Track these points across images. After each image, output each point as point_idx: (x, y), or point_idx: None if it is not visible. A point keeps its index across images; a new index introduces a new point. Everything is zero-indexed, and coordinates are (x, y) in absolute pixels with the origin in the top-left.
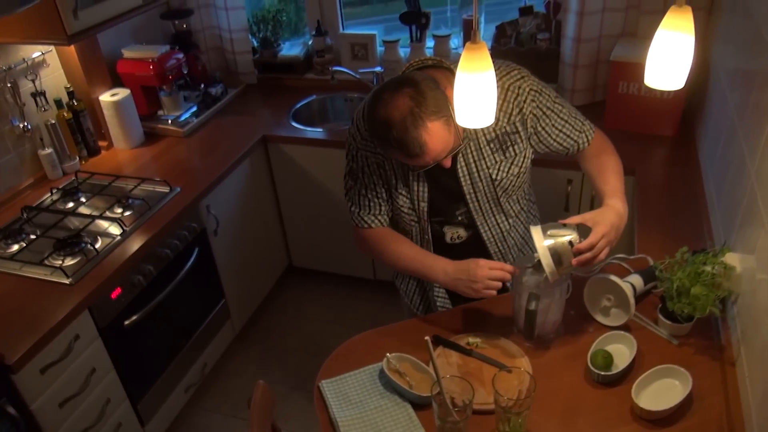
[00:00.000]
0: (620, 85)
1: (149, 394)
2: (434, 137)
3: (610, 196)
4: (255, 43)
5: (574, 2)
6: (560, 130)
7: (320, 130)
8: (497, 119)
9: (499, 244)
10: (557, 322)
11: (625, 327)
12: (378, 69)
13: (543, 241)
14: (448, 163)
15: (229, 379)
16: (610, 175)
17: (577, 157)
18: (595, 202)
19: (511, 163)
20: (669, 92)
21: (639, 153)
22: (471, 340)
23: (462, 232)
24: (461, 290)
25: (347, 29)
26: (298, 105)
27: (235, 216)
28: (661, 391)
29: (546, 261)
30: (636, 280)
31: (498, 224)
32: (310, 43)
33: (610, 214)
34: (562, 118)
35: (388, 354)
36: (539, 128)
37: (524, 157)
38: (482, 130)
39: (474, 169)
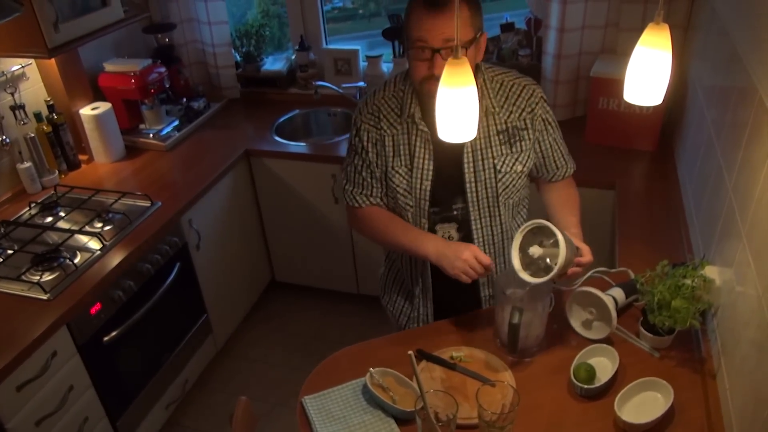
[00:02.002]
0: (600, 100)
1: (128, 412)
2: (452, 10)
3: (575, 229)
4: (238, 58)
5: (555, 19)
6: (555, 149)
7: (303, 144)
8: (509, 112)
9: (488, 248)
10: (540, 335)
11: (607, 340)
12: (361, 84)
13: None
14: (439, 68)
15: (210, 396)
16: (576, 211)
17: (546, 185)
18: None
19: (516, 159)
20: (648, 108)
21: (619, 167)
22: (455, 354)
23: (454, 233)
24: (444, 265)
25: (330, 44)
26: (281, 119)
27: (218, 230)
28: (644, 404)
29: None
30: (617, 293)
31: (491, 226)
32: (293, 57)
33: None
34: (559, 140)
35: (371, 369)
36: (542, 137)
37: (528, 157)
38: (493, 119)
39: (479, 157)
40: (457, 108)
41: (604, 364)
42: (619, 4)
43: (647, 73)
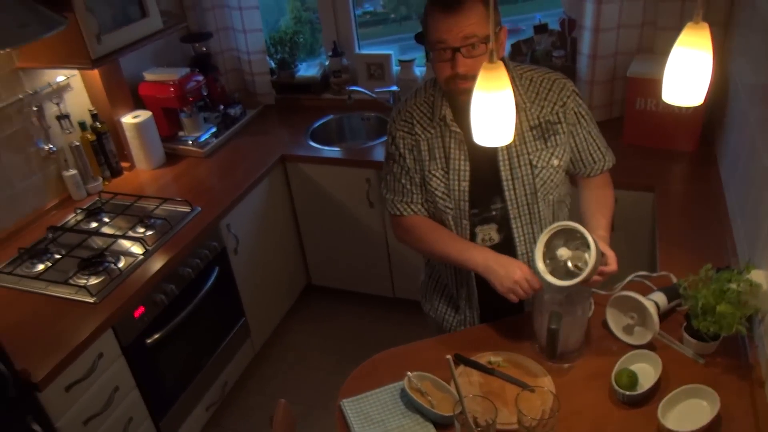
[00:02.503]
0: (638, 101)
1: (171, 413)
2: (470, 9)
3: (603, 232)
4: (272, 65)
5: (589, 19)
6: (591, 142)
7: (337, 149)
8: (541, 107)
9: (529, 247)
10: (579, 340)
11: (649, 346)
12: (394, 88)
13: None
14: (462, 66)
15: (249, 398)
16: (608, 213)
17: (583, 182)
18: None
19: (552, 154)
20: (688, 108)
21: (658, 169)
22: (492, 359)
23: (494, 234)
24: (491, 280)
25: (363, 49)
26: (316, 125)
27: (255, 235)
28: (688, 412)
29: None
30: (659, 297)
31: (531, 224)
32: (326, 63)
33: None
34: (594, 133)
35: (409, 373)
36: (576, 130)
37: (564, 151)
38: (525, 115)
39: (514, 154)
40: (493, 112)
41: (647, 371)
42: (655, 2)
43: (686, 74)
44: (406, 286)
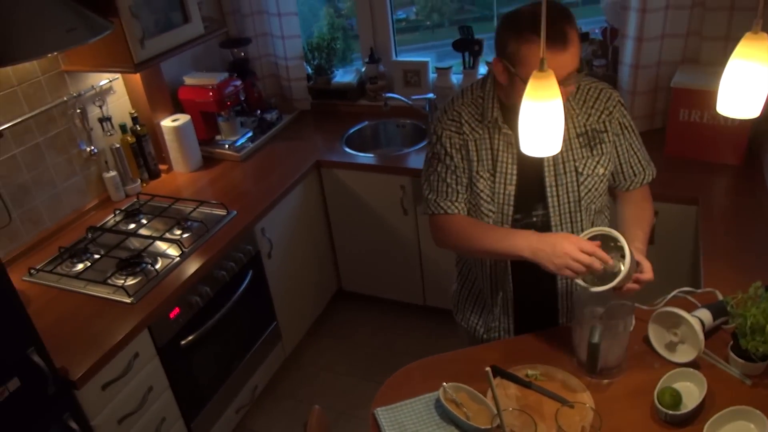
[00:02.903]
0: (681, 112)
1: (202, 414)
2: (574, 39)
3: (640, 244)
4: (309, 71)
5: (632, 28)
6: (633, 154)
7: (372, 155)
8: (588, 115)
9: None
10: (621, 356)
11: (693, 364)
12: (430, 96)
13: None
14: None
15: (279, 402)
16: (646, 227)
17: (622, 196)
18: (656, 232)
19: (597, 162)
20: (734, 120)
21: (702, 182)
22: (530, 372)
23: None
24: (541, 261)
25: (400, 56)
26: (351, 131)
27: (288, 239)
28: None
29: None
30: (704, 314)
31: (571, 232)
32: (363, 70)
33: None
34: (637, 145)
35: (444, 383)
36: (619, 141)
37: (609, 160)
38: (572, 122)
39: (560, 160)
40: (542, 122)
41: (691, 390)
42: (702, 11)
43: (743, 86)
44: (437, 295)
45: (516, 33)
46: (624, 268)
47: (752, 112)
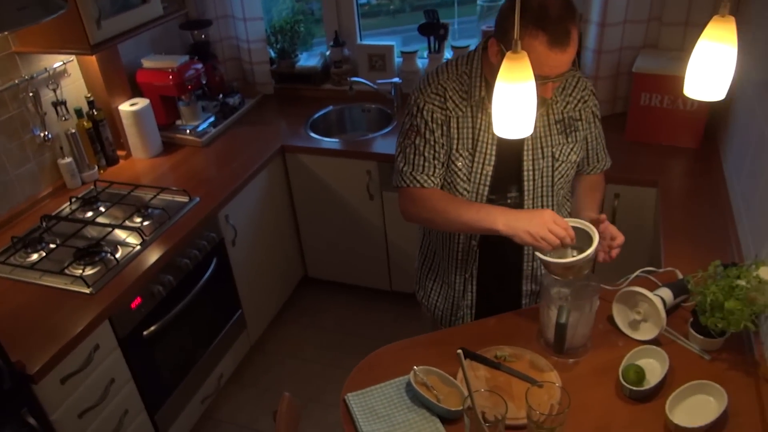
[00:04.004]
0: (642, 96)
1: (166, 405)
2: (575, 38)
3: (592, 214)
4: (272, 54)
5: (596, 14)
6: (599, 143)
7: (337, 140)
8: (566, 102)
9: None
10: (586, 335)
11: (655, 341)
12: (396, 80)
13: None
14: (551, 92)
15: (244, 390)
16: (598, 196)
17: (580, 178)
18: (617, 215)
19: (571, 149)
20: (693, 104)
21: (661, 165)
22: (498, 353)
23: None
24: (519, 234)
25: (365, 40)
26: (316, 115)
27: (253, 226)
28: (696, 408)
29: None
30: (665, 293)
31: None
32: (327, 53)
33: None
34: (601, 135)
35: (415, 367)
36: (590, 130)
37: (581, 148)
38: (551, 109)
39: (539, 145)
40: (515, 104)
41: (653, 366)
42: None
43: (710, 68)
44: (403, 280)
45: (523, 22)
46: (591, 247)
47: (718, 94)
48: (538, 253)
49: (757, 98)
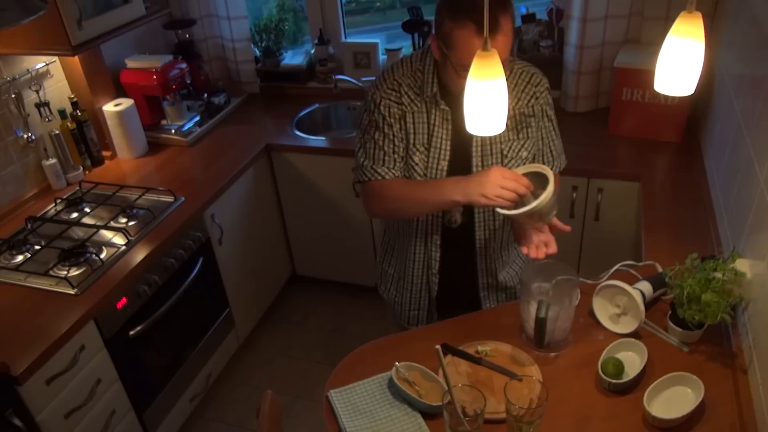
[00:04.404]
0: (624, 91)
1: (154, 405)
2: (506, 27)
3: None
4: (257, 53)
5: (577, 9)
6: (547, 143)
7: (323, 138)
8: (518, 99)
9: (489, 233)
10: (567, 329)
11: (635, 334)
12: None
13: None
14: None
15: (233, 389)
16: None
17: None
18: (601, 209)
19: (522, 146)
20: (674, 98)
21: (643, 159)
22: (480, 348)
23: (458, 216)
24: (474, 199)
25: (349, 38)
26: (301, 114)
27: (239, 225)
28: (673, 399)
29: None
30: (645, 286)
31: (492, 213)
32: (312, 52)
33: None
34: (553, 135)
35: (397, 363)
36: (540, 126)
37: (533, 144)
38: None
39: (488, 142)
40: (486, 101)
41: (632, 359)
42: None
43: (679, 63)
44: None
45: (452, 14)
46: (545, 193)
47: (687, 89)
48: (498, 209)
49: (734, 92)
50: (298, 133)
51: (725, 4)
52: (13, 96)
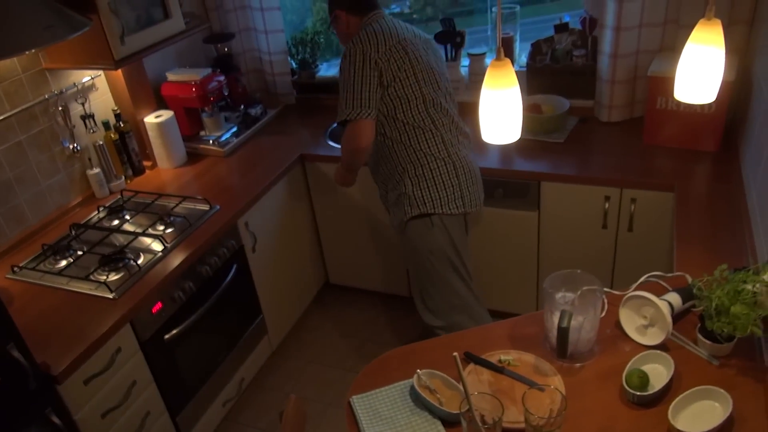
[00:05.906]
0: (659, 100)
1: (188, 408)
2: None
3: None
4: (294, 65)
5: (611, 18)
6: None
7: None
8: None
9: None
10: (591, 340)
11: (662, 346)
12: None
13: None
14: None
15: (266, 395)
16: None
17: None
18: (634, 220)
19: None
20: (710, 107)
21: (679, 169)
22: (503, 357)
23: None
24: None
25: None
26: (335, 124)
27: (273, 233)
28: (700, 413)
29: None
30: (674, 298)
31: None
32: None
33: None
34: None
35: (418, 370)
36: None
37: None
38: None
39: None
40: (501, 110)
41: (659, 371)
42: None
43: (699, 71)
44: None
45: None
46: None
47: (707, 96)
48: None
49: None
50: (331, 143)
51: (763, 10)
52: (60, 108)
